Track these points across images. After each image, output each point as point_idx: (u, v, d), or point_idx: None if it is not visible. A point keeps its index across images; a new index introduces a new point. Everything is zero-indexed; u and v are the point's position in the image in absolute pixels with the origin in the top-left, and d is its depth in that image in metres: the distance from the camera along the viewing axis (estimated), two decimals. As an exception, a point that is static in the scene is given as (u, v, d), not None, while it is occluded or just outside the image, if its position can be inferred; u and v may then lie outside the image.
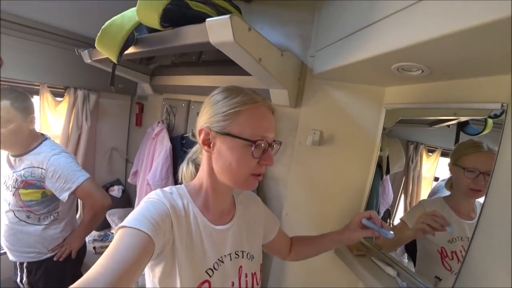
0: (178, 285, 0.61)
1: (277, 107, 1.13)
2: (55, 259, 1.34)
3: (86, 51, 1.38)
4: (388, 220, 1.20)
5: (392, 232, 0.74)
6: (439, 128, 0.97)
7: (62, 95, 1.67)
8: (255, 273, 0.75)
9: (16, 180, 1.27)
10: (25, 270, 1.33)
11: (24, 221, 1.30)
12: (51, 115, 1.63)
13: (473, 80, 0.73)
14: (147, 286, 0.70)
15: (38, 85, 1.56)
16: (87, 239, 1.77)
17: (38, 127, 1.61)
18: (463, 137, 0.87)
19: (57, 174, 1.26)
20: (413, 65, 0.70)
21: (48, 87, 1.58)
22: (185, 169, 0.78)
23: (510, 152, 0.63)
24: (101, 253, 1.62)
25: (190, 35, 0.83)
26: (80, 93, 1.65)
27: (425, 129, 1.05)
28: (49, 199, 1.32)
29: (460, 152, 0.87)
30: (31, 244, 1.31)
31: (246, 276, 0.72)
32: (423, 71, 0.72)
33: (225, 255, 0.69)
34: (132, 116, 2.07)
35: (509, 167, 0.62)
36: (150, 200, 0.63)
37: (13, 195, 1.28)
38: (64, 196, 1.27)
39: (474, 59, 0.60)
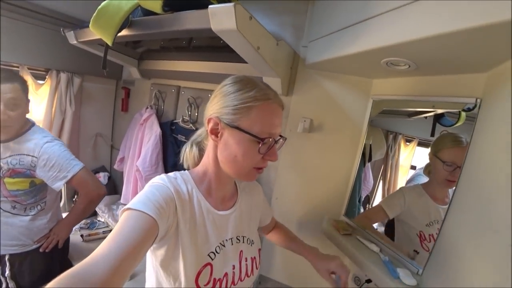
0: (181, 267, 0.62)
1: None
2: (41, 250, 1.31)
3: (72, 31, 1.32)
4: (367, 206, 1.30)
5: None
6: (417, 119, 1.04)
7: (43, 78, 1.58)
8: (254, 257, 0.78)
9: (1, 168, 1.20)
10: (7, 263, 1.27)
11: (9, 212, 1.24)
12: (32, 99, 1.52)
13: (453, 77, 0.80)
14: (147, 270, 0.71)
15: (17, 67, 1.47)
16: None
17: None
18: (439, 128, 0.95)
19: (51, 163, 1.20)
20: (401, 60, 0.76)
21: (29, 69, 1.49)
22: (188, 151, 0.78)
23: (480, 142, 0.71)
24: (88, 241, 1.62)
25: (190, 20, 0.83)
26: (63, 76, 1.57)
27: (404, 120, 1.13)
28: (37, 189, 1.27)
29: (440, 145, 0.94)
30: (15, 236, 1.25)
31: (246, 260, 0.75)
32: (409, 66, 0.78)
33: (226, 240, 0.72)
34: (117, 101, 2.00)
35: (479, 156, 0.70)
36: (154, 184, 0.64)
37: None
38: (58, 185, 1.23)
39: (456, 58, 0.67)
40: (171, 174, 0.70)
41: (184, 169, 0.77)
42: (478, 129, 0.73)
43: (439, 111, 0.94)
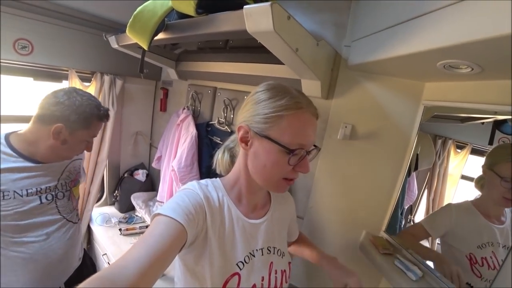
0: (208, 275, 0.62)
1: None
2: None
3: (113, 36, 1.38)
4: (409, 217, 1.18)
5: None
6: (472, 124, 0.92)
7: (89, 80, 1.68)
8: (284, 270, 0.75)
9: (70, 178, 1.14)
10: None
11: (75, 222, 1.17)
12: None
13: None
14: (176, 275, 0.72)
15: (67, 70, 1.58)
16: (113, 220, 1.84)
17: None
18: (498, 135, 0.83)
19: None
20: (462, 63, 0.65)
21: (76, 72, 1.59)
22: (220, 156, 0.79)
23: None
24: (126, 235, 1.70)
25: (225, 22, 0.80)
26: (106, 78, 1.66)
27: (456, 125, 1.00)
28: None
29: (498, 157, 0.82)
30: (78, 251, 1.19)
31: (276, 273, 0.72)
32: (472, 69, 0.67)
33: (256, 250, 0.70)
34: (156, 101, 2.08)
35: None
36: (185, 190, 0.65)
37: (68, 199, 1.13)
38: (83, 175, 1.26)
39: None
40: (202, 181, 0.70)
41: (217, 174, 0.77)
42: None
43: (500, 117, 0.81)
